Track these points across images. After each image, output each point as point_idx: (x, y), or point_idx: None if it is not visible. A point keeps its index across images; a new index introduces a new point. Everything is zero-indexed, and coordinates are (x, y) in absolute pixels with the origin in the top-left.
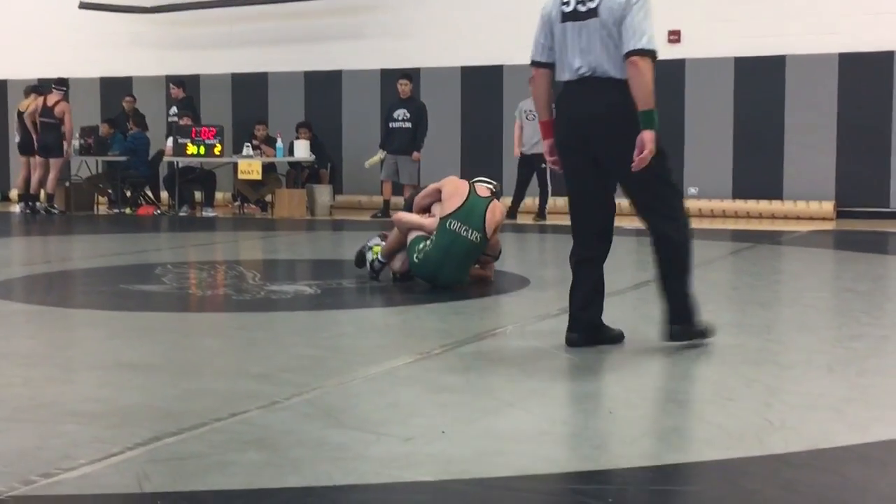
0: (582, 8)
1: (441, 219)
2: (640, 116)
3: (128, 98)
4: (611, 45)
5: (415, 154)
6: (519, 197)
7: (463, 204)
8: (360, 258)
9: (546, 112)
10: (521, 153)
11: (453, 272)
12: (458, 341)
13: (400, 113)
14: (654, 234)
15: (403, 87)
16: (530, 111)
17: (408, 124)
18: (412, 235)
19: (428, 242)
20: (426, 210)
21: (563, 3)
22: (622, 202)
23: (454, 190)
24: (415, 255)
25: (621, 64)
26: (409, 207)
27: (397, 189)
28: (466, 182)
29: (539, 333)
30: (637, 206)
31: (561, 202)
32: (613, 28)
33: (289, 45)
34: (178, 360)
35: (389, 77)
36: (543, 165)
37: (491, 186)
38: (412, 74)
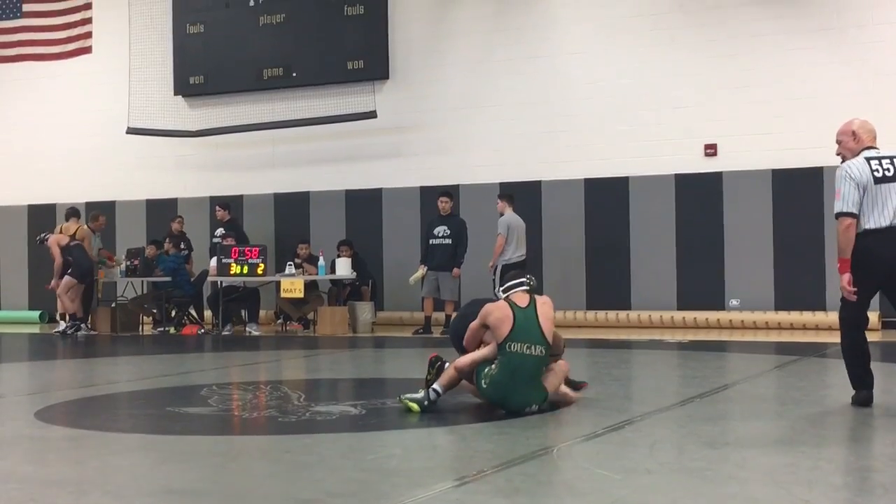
0: (889, 173)
1: (499, 344)
2: None
3: (178, 218)
4: None
5: (455, 270)
6: None
7: (514, 325)
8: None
9: (850, 252)
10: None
11: (526, 393)
12: (506, 462)
13: (440, 230)
14: None
15: (444, 204)
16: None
17: (448, 241)
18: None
19: (493, 366)
20: (479, 343)
21: (874, 171)
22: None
23: (501, 316)
24: (483, 382)
25: None
26: (457, 336)
27: (438, 305)
28: (503, 302)
29: (586, 454)
30: None
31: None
32: None
33: (329, 165)
34: (226, 485)
35: (429, 194)
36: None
37: (525, 287)
38: (452, 191)
